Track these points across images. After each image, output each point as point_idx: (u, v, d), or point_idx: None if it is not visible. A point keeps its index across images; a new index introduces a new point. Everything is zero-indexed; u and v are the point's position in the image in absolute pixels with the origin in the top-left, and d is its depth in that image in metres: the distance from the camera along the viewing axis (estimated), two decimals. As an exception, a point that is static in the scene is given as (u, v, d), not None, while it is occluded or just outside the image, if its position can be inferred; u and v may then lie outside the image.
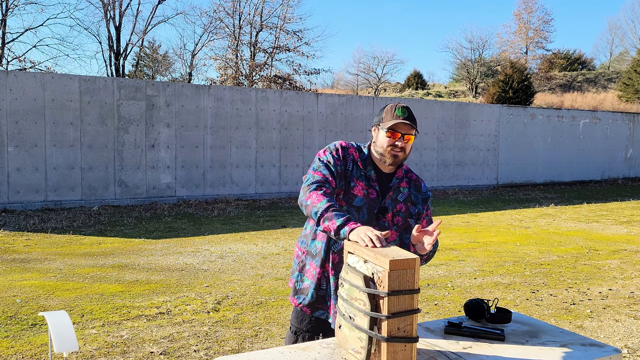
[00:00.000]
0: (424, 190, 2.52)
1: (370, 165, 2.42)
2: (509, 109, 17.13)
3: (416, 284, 1.78)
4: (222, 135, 12.52)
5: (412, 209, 2.46)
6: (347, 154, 2.41)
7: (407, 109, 2.38)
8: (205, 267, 6.50)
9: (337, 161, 2.37)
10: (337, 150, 2.40)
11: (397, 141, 2.34)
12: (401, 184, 2.45)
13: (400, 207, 2.43)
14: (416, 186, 2.50)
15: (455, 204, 13.01)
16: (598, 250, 7.84)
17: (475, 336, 2.09)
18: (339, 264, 2.34)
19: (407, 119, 2.33)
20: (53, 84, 10.71)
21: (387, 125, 2.33)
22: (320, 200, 2.16)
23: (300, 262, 2.49)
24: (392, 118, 2.34)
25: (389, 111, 2.37)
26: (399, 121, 2.31)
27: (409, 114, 2.36)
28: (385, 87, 46.05)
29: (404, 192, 2.45)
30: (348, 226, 2.03)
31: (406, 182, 2.47)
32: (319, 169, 2.34)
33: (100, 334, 4.23)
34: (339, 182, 2.35)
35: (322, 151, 2.42)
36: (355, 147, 2.45)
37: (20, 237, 8.06)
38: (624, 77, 38.17)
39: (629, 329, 4.60)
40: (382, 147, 2.36)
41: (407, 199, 2.45)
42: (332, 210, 2.11)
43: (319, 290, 2.40)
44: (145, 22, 40.10)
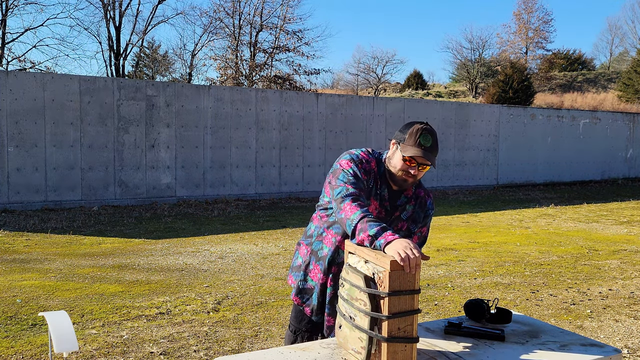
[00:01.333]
0: (428, 206, 2.44)
1: (384, 183, 2.32)
2: (509, 109, 17.13)
3: (417, 284, 1.78)
4: (222, 135, 12.52)
5: (412, 227, 2.40)
6: (371, 167, 2.30)
7: (433, 135, 2.22)
8: (205, 267, 6.50)
9: (364, 175, 2.26)
10: (361, 162, 2.28)
11: (412, 169, 2.23)
12: (409, 202, 2.38)
13: (401, 226, 2.37)
14: (421, 203, 2.41)
15: (455, 204, 13.01)
16: (598, 250, 7.84)
17: (475, 336, 2.09)
18: (337, 274, 2.32)
19: (430, 149, 2.20)
20: (53, 84, 10.71)
21: (407, 152, 2.19)
22: (354, 212, 2.04)
23: (304, 261, 2.46)
24: (414, 144, 2.19)
25: (413, 134, 2.21)
26: (421, 152, 2.18)
27: (432, 142, 2.20)
28: (385, 87, 46.06)
29: (408, 211, 2.38)
30: (384, 237, 1.88)
31: (413, 199, 2.39)
32: (349, 181, 2.20)
33: (100, 334, 4.23)
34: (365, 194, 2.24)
35: (346, 162, 2.28)
36: (375, 160, 2.33)
37: (20, 237, 8.06)
38: (624, 77, 38.18)
39: (629, 329, 4.60)
40: (396, 168, 2.26)
41: (410, 217, 2.39)
42: (366, 220, 1.98)
43: (321, 296, 2.38)
44: (145, 22, 40.09)
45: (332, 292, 2.34)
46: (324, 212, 2.41)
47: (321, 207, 2.43)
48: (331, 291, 2.35)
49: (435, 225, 9.80)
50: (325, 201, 2.40)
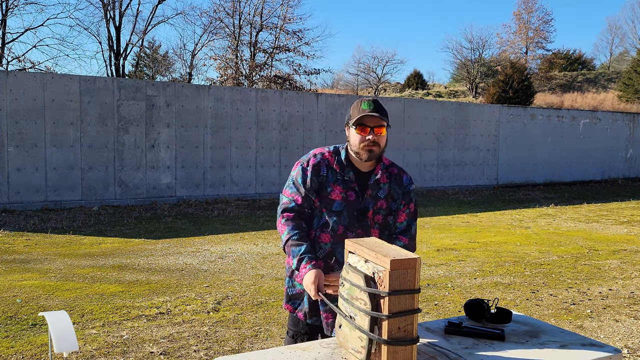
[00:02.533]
0: (405, 183, 2.45)
1: (348, 167, 2.39)
2: (509, 109, 17.13)
3: (417, 283, 1.78)
4: (222, 135, 12.52)
5: (392, 204, 2.42)
6: (321, 161, 2.39)
7: (374, 101, 2.32)
8: (205, 267, 6.50)
9: (306, 172, 2.37)
10: (308, 161, 2.40)
11: (368, 135, 2.29)
12: (381, 180, 2.39)
13: (381, 204, 2.39)
14: (397, 180, 2.44)
15: (455, 204, 13.01)
16: (598, 250, 7.84)
17: (475, 336, 2.09)
18: (324, 269, 2.32)
19: (374, 110, 2.28)
20: (53, 84, 10.71)
21: (354, 119, 2.30)
22: (283, 232, 2.33)
23: (289, 268, 2.46)
24: (358, 113, 2.30)
25: (356, 107, 2.33)
26: (366, 114, 2.27)
27: (375, 106, 2.30)
28: (385, 87, 46.05)
29: (384, 188, 2.40)
30: (300, 270, 2.22)
31: (386, 177, 2.41)
32: (287, 187, 2.42)
33: (100, 334, 4.23)
34: (312, 195, 2.37)
35: (296, 164, 2.45)
36: (331, 151, 2.43)
37: (20, 237, 8.06)
38: (624, 77, 38.17)
39: (629, 329, 4.60)
40: (355, 144, 2.33)
41: (387, 195, 2.40)
42: (289, 245, 2.28)
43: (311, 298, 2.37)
44: (145, 22, 40.08)
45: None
46: None
47: None
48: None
49: (435, 225, 9.80)
50: None
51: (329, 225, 2.37)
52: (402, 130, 14.97)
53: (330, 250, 2.37)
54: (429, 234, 8.98)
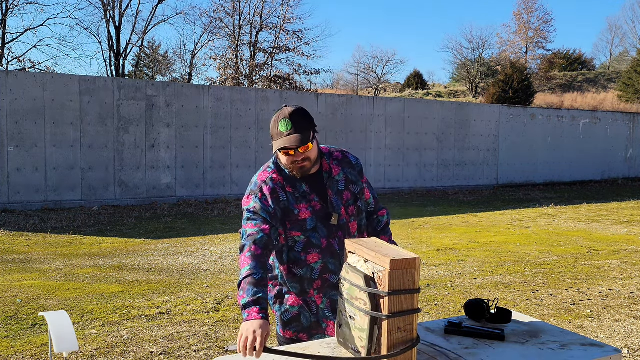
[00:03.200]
0: (354, 162, 2.35)
1: (297, 181, 2.23)
2: (509, 109, 17.13)
3: (417, 283, 1.78)
4: (222, 135, 12.53)
5: (354, 188, 2.32)
6: (274, 185, 2.21)
7: (291, 118, 2.12)
8: (205, 267, 6.50)
9: (266, 202, 2.18)
10: (261, 190, 2.20)
11: (294, 157, 2.14)
12: (332, 173, 2.29)
13: (346, 196, 2.29)
14: (347, 163, 2.33)
15: (455, 204, 13.01)
16: (598, 250, 7.84)
17: (475, 336, 2.09)
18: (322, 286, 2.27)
19: (293, 131, 2.10)
20: (53, 84, 10.71)
21: (275, 147, 2.13)
22: (244, 265, 2.06)
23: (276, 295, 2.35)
24: (278, 136, 2.13)
25: (274, 126, 2.14)
26: (285, 139, 2.10)
27: (292, 123, 2.11)
28: (385, 87, 46.05)
29: (340, 179, 2.29)
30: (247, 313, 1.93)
31: (336, 166, 2.31)
32: (248, 220, 2.17)
33: (100, 334, 4.23)
34: (276, 223, 2.19)
35: (246, 197, 2.22)
36: (275, 170, 2.24)
37: (20, 237, 8.06)
38: (624, 77, 38.17)
39: (629, 329, 4.60)
40: (286, 165, 2.19)
41: (347, 182, 2.31)
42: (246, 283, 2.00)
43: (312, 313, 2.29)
44: (145, 22, 40.13)
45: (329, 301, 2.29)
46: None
47: None
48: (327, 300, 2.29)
49: (435, 225, 9.80)
50: None
51: (312, 243, 2.25)
52: (402, 130, 14.97)
53: (323, 266, 2.27)
54: (429, 234, 8.98)
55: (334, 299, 2.29)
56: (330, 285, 2.28)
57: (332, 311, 2.30)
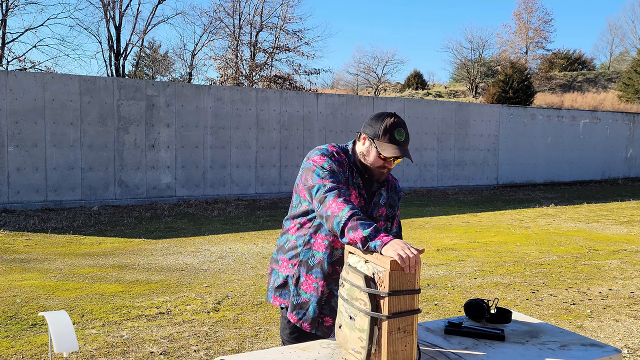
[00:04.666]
0: (398, 189, 2.48)
1: (357, 172, 2.32)
2: (509, 109, 17.13)
3: (417, 284, 1.78)
4: (222, 135, 12.52)
5: (390, 211, 2.42)
6: (342, 158, 2.28)
7: (405, 127, 2.23)
8: (205, 267, 6.50)
9: (340, 167, 2.23)
10: (333, 155, 2.24)
11: (388, 165, 2.26)
12: (381, 187, 2.40)
13: (382, 212, 2.38)
14: (392, 187, 2.45)
15: (455, 204, 13.01)
16: (598, 250, 7.84)
17: (476, 336, 2.09)
18: (332, 275, 2.27)
19: (404, 142, 2.22)
20: (53, 84, 10.71)
21: (386, 152, 2.19)
22: (342, 209, 1.97)
23: (293, 275, 2.32)
24: (389, 141, 2.20)
25: (387, 130, 2.20)
26: (398, 151, 2.19)
27: (405, 135, 2.23)
28: (385, 87, 46.04)
29: (384, 196, 2.40)
30: (379, 239, 1.84)
31: (385, 184, 2.42)
32: (326, 176, 2.15)
33: (100, 334, 4.23)
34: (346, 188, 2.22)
35: (318, 157, 2.23)
36: (343, 151, 2.31)
37: (20, 237, 8.06)
38: (624, 77, 38.16)
39: (629, 329, 4.60)
40: (371, 164, 2.27)
41: (387, 202, 2.41)
42: (356, 218, 1.93)
43: (320, 305, 2.28)
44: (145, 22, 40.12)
45: (328, 291, 2.28)
46: (304, 217, 2.31)
47: (297, 215, 2.33)
48: (327, 290, 2.28)
49: (435, 225, 9.80)
50: (304, 206, 2.29)
51: None
52: (402, 130, 14.95)
53: (340, 257, 2.27)
54: (429, 234, 8.98)
55: (333, 293, 2.27)
56: (337, 279, 2.28)
57: (325, 303, 2.28)
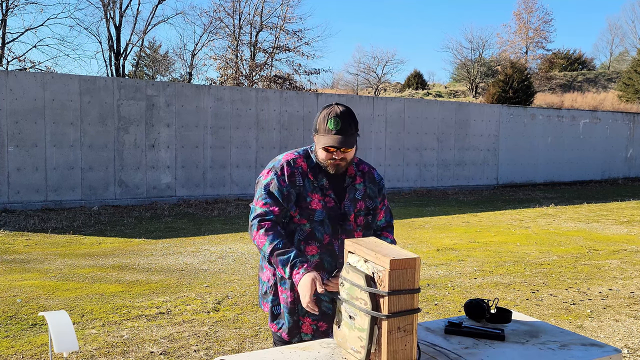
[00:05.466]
0: (377, 179, 2.42)
1: (321, 173, 2.28)
2: (509, 109, 17.13)
3: (417, 283, 1.78)
4: (222, 135, 12.53)
5: (370, 203, 2.36)
6: (295, 168, 2.25)
7: (341, 117, 2.17)
8: (205, 267, 6.50)
9: (282, 182, 2.22)
10: (281, 168, 2.25)
11: (334, 155, 2.21)
12: (355, 181, 2.34)
13: (360, 206, 2.33)
14: (370, 178, 2.39)
15: (455, 204, 13.01)
16: (598, 250, 7.84)
17: (476, 336, 2.09)
18: None
19: (341, 131, 2.16)
20: (53, 84, 10.71)
21: (320, 143, 2.18)
22: (264, 243, 2.15)
23: (271, 285, 2.36)
24: (325, 132, 2.18)
25: (322, 121, 2.19)
26: (331, 137, 2.15)
27: (342, 124, 2.16)
28: (385, 87, 46.03)
29: (360, 189, 2.34)
30: (293, 277, 2.05)
31: (359, 176, 2.36)
32: (260, 197, 2.24)
33: (101, 334, 4.23)
34: (287, 205, 2.24)
35: (266, 172, 2.28)
36: (302, 156, 2.30)
37: (20, 237, 8.06)
38: (624, 77, 38.16)
39: (629, 329, 4.60)
40: (322, 159, 2.24)
41: (364, 195, 2.35)
42: (276, 254, 2.10)
43: (293, 314, 2.29)
44: (145, 22, 40.09)
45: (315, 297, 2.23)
46: None
47: None
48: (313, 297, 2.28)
49: (435, 225, 9.80)
50: None
51: (314, 236, 2.27)
52: (402, 130, 14.97)
53: (319, 262, 2.28)
54: (429, 234, 8.98)
55: (320, 298, 2.26)
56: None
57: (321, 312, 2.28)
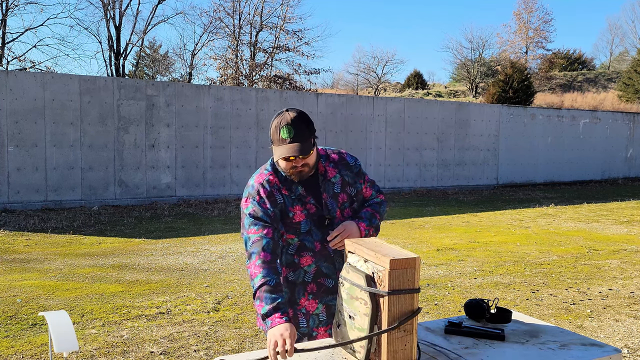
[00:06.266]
0: (351, 163, 2.31)
1: (294, 183, 2.20)
2: (509, 108, 17.13)
3: (417, 283, 1.78)
4: (222, 135, 12.53)
5: (351, 190, 2.28)
6: (271, 187, 2.18)
7: (293, 124, 2.08)
8: (205, 267, 6.50)
9: (264, 205, 2.15)
10: (258, 192, 2.17)
11: (294, 163, 2.13)
12: (328, 175, 2.25)
13: (342, 198, 2.26)
14: (344, 164, 2.29)
15: (455, 204, 13.01)
16: (598, 250, 7.83)
17: (476, 336, 2.09)
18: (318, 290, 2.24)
19: (295, 138, 2.07)
20: (53, 84, 10.71)
21: (277, 155, 2.11)
22: (256, 275, 2.04)
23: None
24: (279, 142, 2.10)
25: (275, 131, 2.10)
26: (286, 147, 2.07)
27: (295, 131, 2.08)
28: (385, 87, 46.03)
29: (336, 181, 2.25)
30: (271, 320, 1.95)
31: (332, 168, 2.26)
32: (250, 225, 2.14)
33: (101, 334, 4.23)
34: (277, 225, 2.17)
35: (244, 201, 2.20)
36: (271, 172, 2.22)
37: (20, 237, 8.06)
38: (624, 77, 38.17)
39: (629, 328, 4.60)
40: (284, 169, 2.17)
41: (343, 185, 2.26)
42: (264, 290, 2.00)
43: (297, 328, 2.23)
44: (145, 22, 40.14)
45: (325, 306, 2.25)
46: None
47: None
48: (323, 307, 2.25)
49: (435, 225, 9.80)
50: None
51: (305, 247, 2.23)
52: (402, 130, 14.97)
53: (316, 269, 2.24)
54: (429, 234, 8.97)
55: (330, 304, 2.25)
56: (326, 290, 2.25)
57: (328, 316, 2.26)
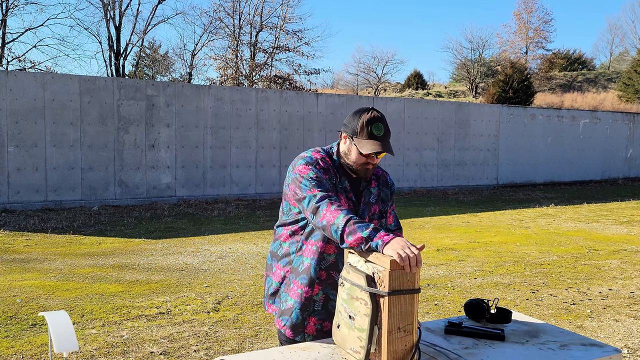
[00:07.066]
0: (390, 184, 2.42)
1: (343, 175, 2.27)
2: (509, 109, 17.13)
3: (417, 283, 1.78)
4: (222, 135, 12.52)
5: (382, 207, 2.36)
6: (327, 165, 2.23)
7: (383, 121, 2.16)
8: (205, 267, 6.50)
9: (325, 174, 2.19)
10: (318, 163, 2.20)
11: (371, 160, 2.20)
12: (370, 185, 2.34)
13: (374, 210, 2.33)
14: (383, 182, 2.39)
15: (455, 204, 13.01)
16: (598, 250, 7.83)
17: (476, 336, 2.09)
18: (326, 279, 2.24)
19: (384, 137, 2.15)
20: (53, 84, 10.71)
21: (365, 149, 2.14)
22: (337, 216, 1.95)
23: (285, 282, 2.30)
24: (368, 137, 2.14)
25: (365, 127, 2.15)
26: (377, 146, 2.12)
27: (384, 129, 2.16)
28: (385, 87, 46.04)
29: (374, 193, 2.34)
30: (380, 238, 1.82)
31: (374, 180, 2.36)
32: (314, 186, 2.12)
33: (101, 334, 4.23)
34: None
35: (303, 167, 2.20)
36: (328, 155, 2.27)
37: (20, 237, 8.06)
38: (624, 77, 38.17)
39: (629, 329, 4.60)
40: (354, 161, 2.21)
41: (378, 198, 2.35)
42: (352, 222, 1.90)
43: (304, 311, 2.24)
44: (145, 22, 40.14)
45: (324, 296, 2.25)
46: (295, 225, 2.28)
47: (288, 223, 2.31)
48: (322, 295, 2.24)
49: (435, 225, 9.80)
50: (295, 213, 2.27)
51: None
52: (402, 130, 14.97)
53: (334, 262, 2.25)
54: (429, 234, 8.97)
55: (329, 297, 2.25)
56: (332, 284, 2.25)
57: (322, 307, 2.25)
